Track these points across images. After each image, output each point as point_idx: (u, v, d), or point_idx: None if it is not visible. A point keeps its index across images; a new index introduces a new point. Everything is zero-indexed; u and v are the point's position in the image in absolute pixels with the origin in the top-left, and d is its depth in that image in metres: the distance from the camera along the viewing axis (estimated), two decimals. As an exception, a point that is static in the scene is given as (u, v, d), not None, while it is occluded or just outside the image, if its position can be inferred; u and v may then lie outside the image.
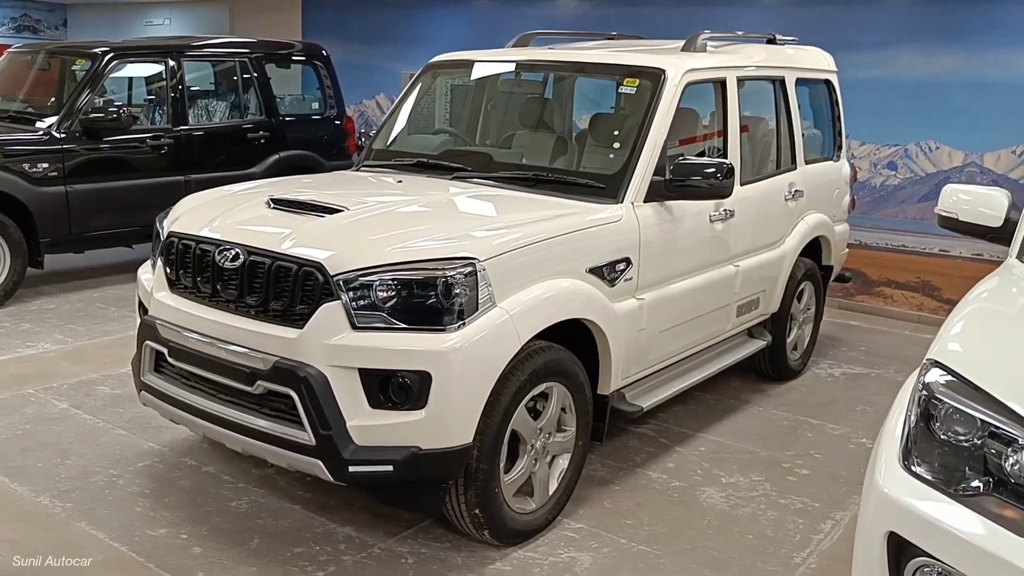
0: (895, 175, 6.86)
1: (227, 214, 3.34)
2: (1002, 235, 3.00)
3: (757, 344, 4.72)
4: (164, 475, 3.62)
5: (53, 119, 6.13)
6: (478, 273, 2.86)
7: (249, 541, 3.14)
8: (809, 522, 3.44)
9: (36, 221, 5.90)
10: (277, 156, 7.33)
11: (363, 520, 3.30)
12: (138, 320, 3.45)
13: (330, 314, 2.84)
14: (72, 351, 5.11)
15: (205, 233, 3.23)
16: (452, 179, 3.85)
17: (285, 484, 3.53)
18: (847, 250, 5.68)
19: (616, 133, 4.00)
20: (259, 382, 2.93)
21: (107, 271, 6.98)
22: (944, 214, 3.18)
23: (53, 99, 6.57)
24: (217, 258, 3.10)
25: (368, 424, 2.81)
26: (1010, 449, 1.82)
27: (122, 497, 3.42)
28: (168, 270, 3.33)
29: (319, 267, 2.88)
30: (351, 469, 2.82)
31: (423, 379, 2.77)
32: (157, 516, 3.29)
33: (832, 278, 5.53)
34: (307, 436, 2.84)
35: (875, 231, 6.88)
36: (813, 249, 5.15)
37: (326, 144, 7.75)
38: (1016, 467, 1.80)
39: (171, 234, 3.35)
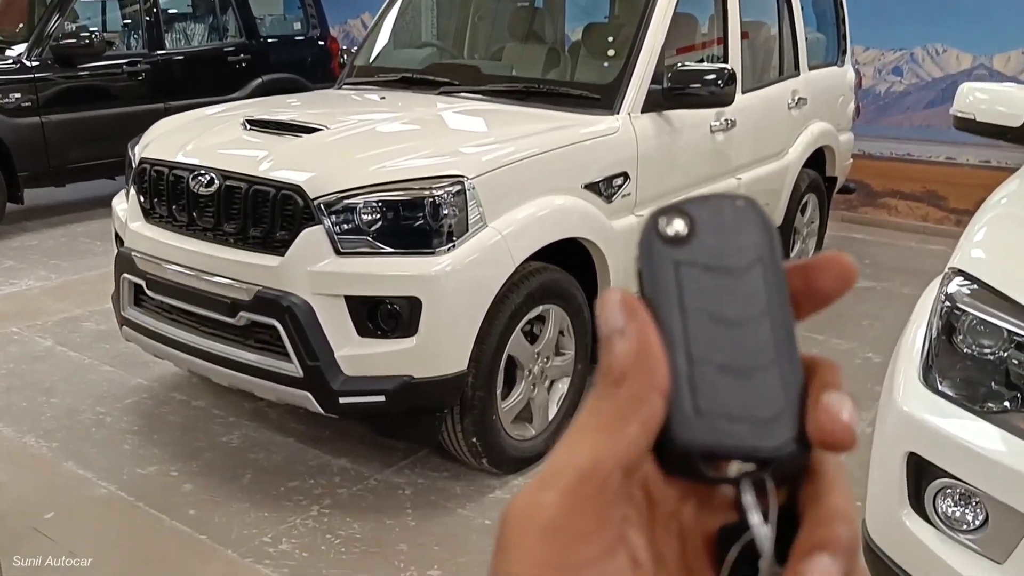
0: (901, 81, 6.61)
1: (201, 137, 3.17)
2: (1022, 135, 2.82)
3: (760, 260, 4.57)
4: (153, 411, 3.52)
5: (23, 47, 5.86)
6: (467, 192, 2.70)
7: (241, 477, 3.05)
8: (816, 440, 3.35)
9: (12, 154, 5.69)
10: (260, 80, 7.05)
11: (358, 451, 3.21)
12: (115, 252, 3.30)
13: (312, 240, 2.70)
14: (56, 287, 4.97)
15: (178, 158, 3.06)
16: (439, 94, 3.65)
17: (277, 417, 3.44)
18: (851, 160, 5.49)
19: (611, 40, 3.79)
20: (241, 313, 2.80)
21: (90, 204, 6.78)
22: (960, 115, 2.99)
23: (22, 25, 6.29)
24: (191, 184, 2.94)
25: (357, 353, 2.70)
26: (1039, 361, 1.69)
27: (110, 435, 3.33)
28: (142, 199, 3.17)
29: (298, 190, 2.72)
30: (341, 400, 2.71)
31: (412, 305, 2.64)
32: (146, 454, 3.20)
33: (836, 190, 5.36)
34: (294, 368, 2.72)
35: (880, 140, 6.66)
36: (817, 159, 4.96)
37: (310, 66, 7.46)
38: (1046, 380, 1.68)
39: (143, 160, 3.18)
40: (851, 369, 4.00)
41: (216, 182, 2.88)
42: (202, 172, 2.93)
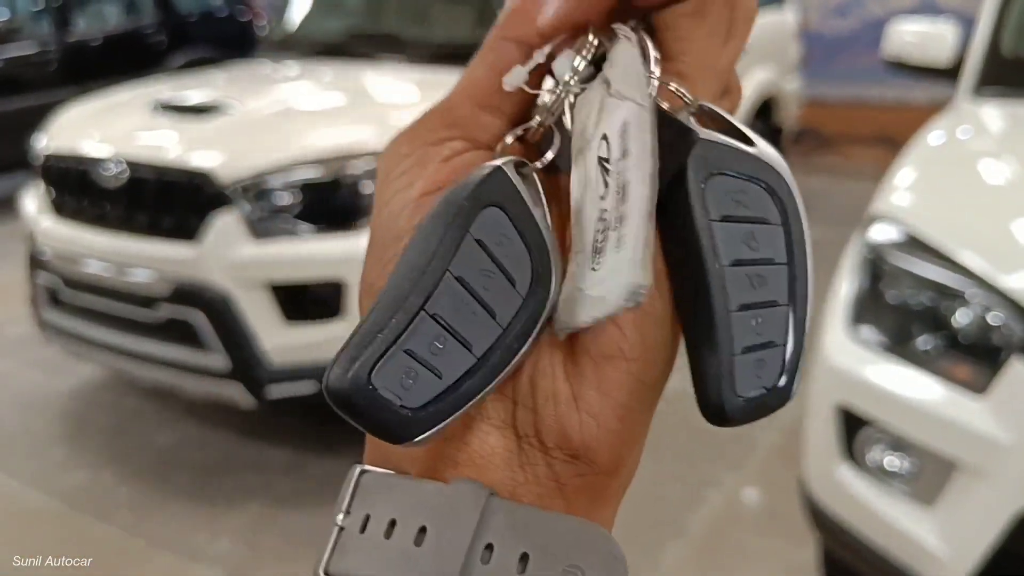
0: (845, 21, 6.52)
1: (107, 125, 3.00)
2: (956, 75, 2.74)
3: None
4: (82, 415, 3.37)
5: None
6: (387, 166, 2.57)
7: (178, 476, 2.93)
8: (769, 396, 3.29)
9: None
10: (181, 60, 6.75)
11: (297, 442, 3.09)
12: (28, 252, 3.13)
13: (227, 226, 2.55)
14: (-20, 291, 4.75)
15: (84, 150, 2.89)
16: (360, 64, 3.49)
17: (212, 413, 3.30)
18: (799, 108, 5.40)
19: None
20: (161, 307, 2.66)
21: (5, 203, 6.49)
22: (891, 58, 2.90)
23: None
24: (100, 176, 2.78)
25: (283, 342, 2.58)
26: (961, 305, 1.62)
27: (38, 443, 3.18)
28: (51, 194, 2.99)
29: (210, 175, 2.57)
30: (270, 391, 2.60)
31: (337, 288, 2.52)
32: (78, 459, 3.06)
33: (784, 139, 5.28)
34: (219, 360, 2.60)
35: (828, 84, 6.57)
36: (763, 110, 4.86)
37: (234, 43, 7.13)
38: (968, 324, 1.60)
39: (47, 154, 3.00)
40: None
41: (125, 172, 2.72)
42: (109, 162, 2.76)
